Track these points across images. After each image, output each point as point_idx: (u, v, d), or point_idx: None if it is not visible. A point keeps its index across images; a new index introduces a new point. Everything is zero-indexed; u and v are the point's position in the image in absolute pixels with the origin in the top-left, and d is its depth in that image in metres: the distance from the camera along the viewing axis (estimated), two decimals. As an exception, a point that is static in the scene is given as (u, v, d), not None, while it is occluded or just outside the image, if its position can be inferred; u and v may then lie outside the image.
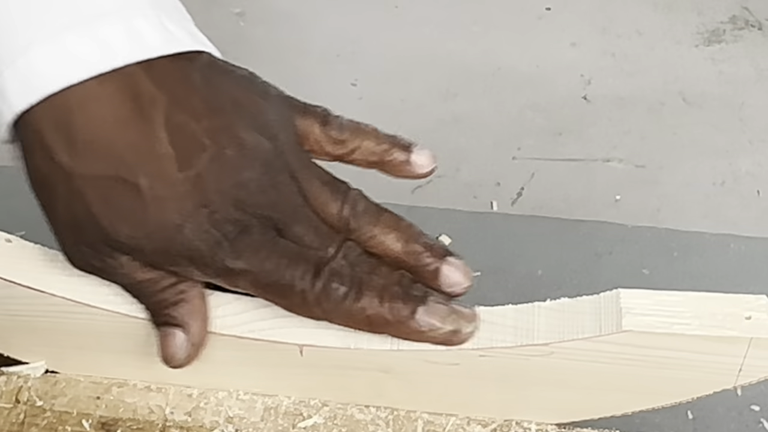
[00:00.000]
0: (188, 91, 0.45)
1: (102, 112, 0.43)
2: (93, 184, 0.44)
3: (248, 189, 0.45)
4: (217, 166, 0.44)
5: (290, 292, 0.45)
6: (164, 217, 0.44)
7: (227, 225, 0.44)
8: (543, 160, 1.65)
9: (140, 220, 0.44)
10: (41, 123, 0.44)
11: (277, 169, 0.46)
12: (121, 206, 0.44)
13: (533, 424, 0.52)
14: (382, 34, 1.89)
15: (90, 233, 0.45)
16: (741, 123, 1.71)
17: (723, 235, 0.97)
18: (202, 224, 0.44)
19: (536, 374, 0.48)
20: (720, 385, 0.47)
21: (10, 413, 0.53)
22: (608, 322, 0.45)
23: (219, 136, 0.45)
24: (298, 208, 0.46)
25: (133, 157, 0.43)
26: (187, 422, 0.52)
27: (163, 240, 0.44)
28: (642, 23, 1.91)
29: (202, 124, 0.44)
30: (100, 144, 0.43)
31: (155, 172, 0.43)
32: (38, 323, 0.51)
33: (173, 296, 0.46)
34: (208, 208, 0.44)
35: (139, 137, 0.44)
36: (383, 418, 0.52)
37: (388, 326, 0.46)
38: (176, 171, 0.44)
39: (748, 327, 0.44)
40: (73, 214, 0.44)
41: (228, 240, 0.44)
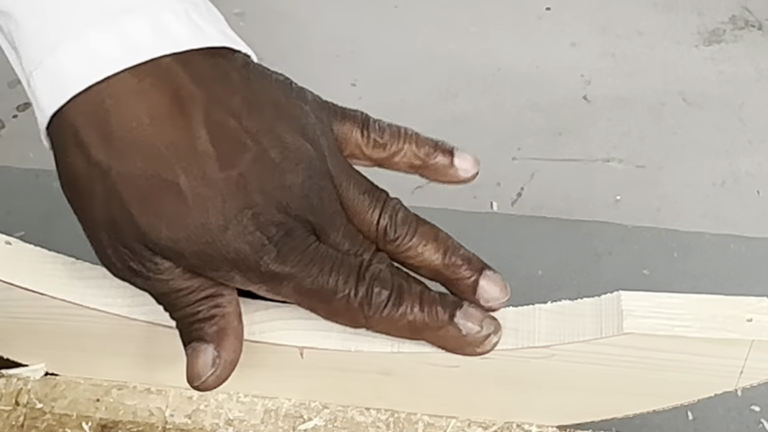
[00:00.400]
0: (228, 89, 0.44)
1: (138, 108, 0.42)
2: (131, 182, 0.42)
3: (292, 192, 0.43)
4: (261, 168, 0.43)
5: (333, 298, 0.44)
6: (207, 219, 0.42)
7: (271, 228, 0.43)
8: (543, 161, 1.65)
9: (181, 221, 0.42)
10: (74, 121, 0.42)
11: (319, 173, 0.45)
12: (161, 206, 0.42)
13: (534, 427, 0.52)
14: (381, 34, 1.89)
15: (128, 234, 0.43)
16: (741, 123, 1.71)
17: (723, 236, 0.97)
18: (247, 226, 0.42)
19: (537, 376, 0.48)
20: (721, 388, 0.47)
21: (9, 416, 0.53)
22: (609, 325, 0.45)
23: (261, 136, 0.43)
24: (336, 215, 0.45)
25: (172, 155, 0.42)
26: (187, 425, 0.52)
27: (205, 242, 0.42)
28: (642, 23, 1.91)
29: (243, 123, 0.43)
30: (137, 140, 0.42)
31: (196, 171, 0.42)
32: (38, 325, 0.51)
33: (208, 310, 0.45)
34: (252, 209, 0.42)
35: (178, 134, 0.42)
36: (384, 420, 0.52)
37: (427, 331, 0.45)
38: (218, 170, 0.42)
39: (749, 329, 0.44)
40: (111, 215, 0.43)
41: (273, 243, 0.43)
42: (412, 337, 0.46)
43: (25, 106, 1.76)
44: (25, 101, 1.76)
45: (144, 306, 0.49)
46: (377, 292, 0.44)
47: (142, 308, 0.49)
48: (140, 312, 0.49)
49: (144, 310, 0.49)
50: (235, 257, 0.43)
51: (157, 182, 0.42)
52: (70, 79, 0.42)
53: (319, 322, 0.48)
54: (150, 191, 0.42)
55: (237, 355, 0.45)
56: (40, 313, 0.50)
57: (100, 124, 0.42)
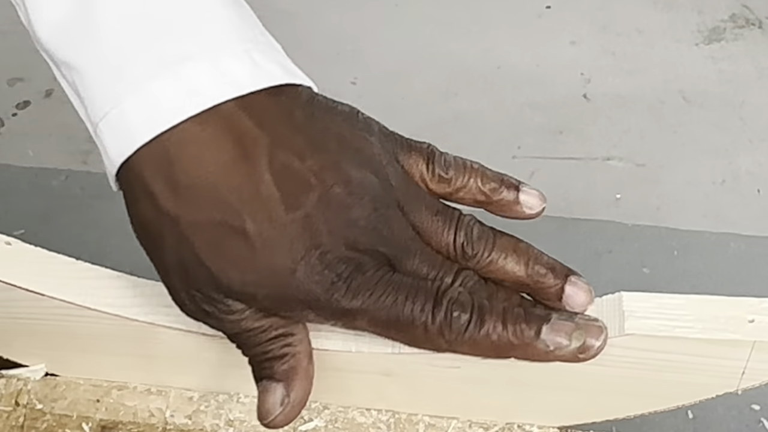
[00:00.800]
0: (290, 129, 0.44)
1: (203, 155, 0.42)
2: (200, 229, 0.42)
3: (359, 226, 0.43)
4: (326, 205, 0.43)
5: (411, 327, 0.43)
6: (275, 262, 0.42)
7: (340, 265, 0.43)
8: (543, 159, 1.65)
9: (251, 266, 0.42)
10: (142, 171, 0.43)
11: (386, 203, 0.44)
12: (230, 252, 0.42)
13: (535, 427, 0.52)
14: (381, 32, 1.89)
15: (200, 280, 0.43)
16: (741, 122, 1.71)
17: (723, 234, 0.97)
18: (315, 266, 0.42)
19: (538, 377, 0.48)
20: (723, 389, 0.47)
21: (9, 416, 0.53)
22: (611, 326, 0.45)
23: (325, 174, 0.43)
24: (410, 242, 0.45)
25: (238, 201, 0.42)
26: (187, 425, 0.52)
27: (275, 285, 0.43)
28: (642, 22, 1.90)
29: (306, 163, 0.43)
30: (203, 188, 0.42)
31: (262, 216, 0.42)
32: (38, 326, 0.51)
33: (279, 349, 0.45)
34: (319, 249, 0.43)
35: (243, 180, 0.42)
36: (384, 421, 0.52)
37: (514, 350, 0.44)
38: (284, 213, 0.42)
39: (751, 330, 0.44)
40: (182, 261, 0.43)
41: (342, 280, 0.43)
42: (499, 357, 0.45)
43: (25, 104, 1.76)
44: (24, 99, 1.76)
45: (144, 306, 0.49)
46: (456, 316, 0.43)
47: (142, 309, 0.49)
48: (140, 312, 0.49)
49: (144, 311, 0.49)
50: (306, 298, 0.43)
51: (224, 229, 0.42)
52: (135, 131, 0.42)
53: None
54: (218, 238, 0.42)
55: (306, 395, 0.45)
56: (40, 314, 0.50)
57: (166, 173, 0.42)
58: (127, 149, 0.43)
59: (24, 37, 0.48)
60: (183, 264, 0.43)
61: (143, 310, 0.49)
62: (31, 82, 1.78)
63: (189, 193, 0.42)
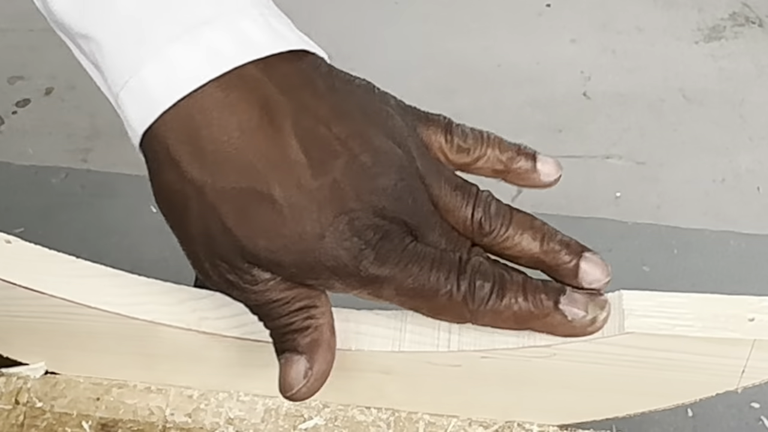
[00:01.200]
0: (315, 96, 0.44)
1: (228, 121, 0.42)
2: (226, 196, 0.42)
3: (386, 195, 0.43)
4: (353, 173, 0.43)
5: (436, 295, 0.44)
6: (303, 228, 0.42)
7: (368, 232, 0.43)
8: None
9: (278, 232, 0.42)
10: (165, 139, 0.42)
11: (410, 175, 0.44)
12: (257, 218, 0.42)
13: (535, 426, 0.52)
14: (381, 30, 1.89)
15: (225, 248, 0.43)
16: (741, 120, 1.71)
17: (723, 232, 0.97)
18: (344, 232, 0.42)
19: (538, 376, 0.48)
20: (723, 387, 0.47)
21: (9, 414, 0.53)
22: (611, 324, 0.45)
23: (351, 142, 0.43)
24: (430, 215, 0.45)
25: (264, 167, 0.42)
26: (187, 423, 0.52)
27: (303, 252, 0.42)
28: (642, 20, 1.90)
29: (332, 130, 0.43)
30: (229, 154, 0.42)
31: (289, 181, 0.42)
32: (38, 324, 0.51)
33: (302, 321, 0.45)
34: (347, 215, 0.42)
35: (269, 145, 0.42)
36: (384, 419, 0.52)
37: (533, 320, 0.45)
38: (311, 178, 0.42)
39: (751, 329, 0.44)
40: (207, 229, 0.43)
41: (371, 247, 0.43)
42: (518, 328, 0.45)
43: (25, 102, 1.76)
44: (24, 97, 1.76)
45: (144, 305, 0.49)
46: (479, 285, 0.44)
47: (142, 307, 0.49)
48: (140, 311, 0.49)
49: (144, 309, 0.49)
50: (334, 264, 0.43)
51: (251, 195, 0.42)
52: (157, 97, 0.42)
53: (319, 322, 0.48)
54: (245, 204, 0.42)
55: (329, 367, 0.45)
56: (40, 312, 0.50)
57: (190, 140, 0.42)
58: (149, 117, 0.42)
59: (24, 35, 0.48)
60: (208, 232, 0.43)
61: (143, 308, 0.49)
62: (31, 81, 1.78)
63: (214, 159, 0.42)
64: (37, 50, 1.73)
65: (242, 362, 0.50)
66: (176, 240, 0.44)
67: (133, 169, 1.57)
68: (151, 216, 0.91)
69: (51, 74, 1.75)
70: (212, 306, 0.49)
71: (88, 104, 1.69)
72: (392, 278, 0.43)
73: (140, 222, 1.08)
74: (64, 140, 1.65)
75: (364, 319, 0.48)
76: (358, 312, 0.49)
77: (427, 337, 0.47)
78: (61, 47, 0.48)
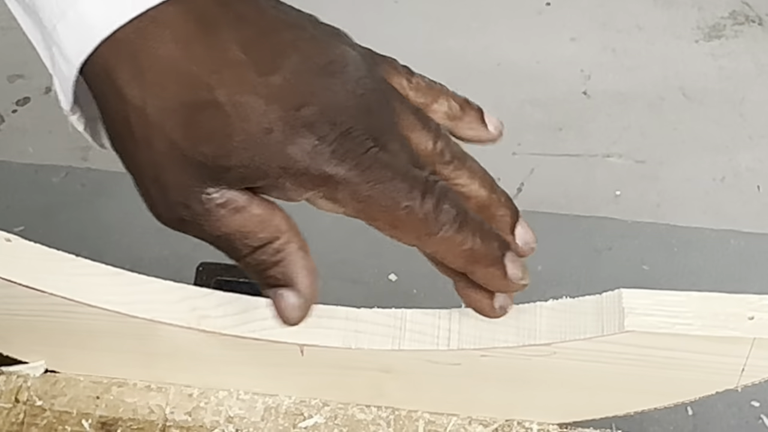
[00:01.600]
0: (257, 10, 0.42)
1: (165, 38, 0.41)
2: (168, 111, 0.41)
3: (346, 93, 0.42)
4: (306, 70, 0.41)
5: (396, 207, 0.42)
6: (248, 125, 0.40)
7: (324, 127, 0.41)
8: (543, 156, 1.64)
9: (223, 135, 0.40)
10: (106, 66, 0.41)
11: (372, 76, 0.43)
12: (202, 125, 0.41)
13: (535, 424, 0.52)
14: (381, 29, 1.89)
15: (174, 172, 0.41)
16: (741, 118, 1.71)
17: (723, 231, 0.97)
18: (294, 126, 0.40)
19: (538, 374, 0.48)
20: (722, 386, 0.47)
21: (9, 413, 0.53)
22: (610, 323, 0.45)
23: (301, 44, 0.42)
24: (393, 126, 0.44)
25: (205, 72, 0.41)
26: (187, 422, 0.52)
27: (250, 150, 0.40)
28: (642, 18, 1.90)
29: (281, 35, 0.42)
30: (167, 69, 0.41)
31: (232, 81, 0.40)
32: (38, 323, 0.51)
33: (270, 257, 0.43)
34: (299, 110, 0.40)
35: (207, 53, 0.41)
36: (384, 417, 0.52)
37: (478, 265, 0.44)
38: (256, 75, 0.41)
39: (751, 327, 0.44)
40: (154, 153, 0.41)
41: (327, 143, 0.41)
42: (461, 268, 0.44)
43: (25, 100, 1.76)
44: (24, 96, 1.76)
45: (144, 303, 0.49)
46: (446, 209, 0.42)
47: (142, 305, 0.49)
48: (140, 309, 0.49)
49: (144, 308, 0.49)
50: (283, 161, 0.41)
51: (194, 104, 0.41)
52: (96, 26, 0.41)
53: (319, 320, 0.48)
54: (189, 115, 0.41)
55: (315, 286, 0.44)
56: (40, 310, 0.50)
57: (130, 62, 0.41)
58: (87, 46, 0.41)
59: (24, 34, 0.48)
60: (156, 157, 0.42)
61: (143, 306, 0.49)
62: (31, 79, 1.78)
63: (153, 76, 0.41)
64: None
65: (242, 360, 0.50)
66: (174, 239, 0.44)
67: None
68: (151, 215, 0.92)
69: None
70: (212, 304, 0.49)
71: (88, 103, 1.69)
72: (348, 181, 0.41)
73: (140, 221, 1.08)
74: (64, 139, 1.65)
75: (364, 318, 0.48)
76: (357, 310, 0.49)
77: (426, 336, 0.47)
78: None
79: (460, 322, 0.47)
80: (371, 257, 1.16)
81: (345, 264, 1.18)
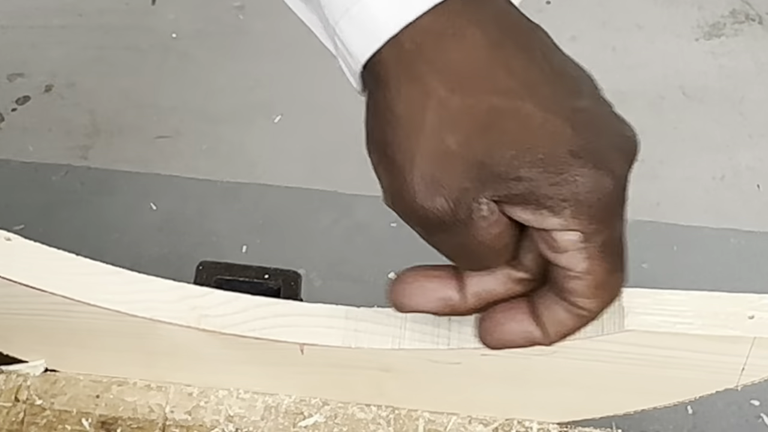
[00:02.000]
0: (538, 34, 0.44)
1: (469, 38, 0.41)
2: (472, 110, 0.40)
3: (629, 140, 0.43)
4: (602, 109, 0.42)
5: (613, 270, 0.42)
6: (556, 144, 0.40)
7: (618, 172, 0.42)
8: (543, 155, 1.65)
9: (529, 145, 0.40)
10: (400, 60, 0.41)
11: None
12: (506, 133, 0.40)
13: (535, 423, 0.52)
14: (381, 27, 1.89)
15: (456, 170, 0.41)
16: (741, 117, 1.71)
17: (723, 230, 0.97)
18: (598, 160, 0.41)
19: (538, 373, 0.48)
20: (723, 385, 0.47)
21: (9, 412, 0.53)
22: (611, 322, 0.45)
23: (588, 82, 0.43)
24: None
25: (517, 84, 0.41)
26: (187, 421, 0.52)
27: (551, 166, 0.40)
28: (642, 17, 1.90)
29: (577, 71, 0.43)
30: (476, 70, 0.41)
31: (544, 97, 0.41)
32: (38, 322, 0.51)
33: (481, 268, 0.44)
34: (600, 145, 0.41)
35: (521, 64, 0.41)
36: (384, 416, 0.52)
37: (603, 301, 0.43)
38: (567, 101, 0.41)
39: (751, 326, 0.44)
40: (440, 145, 0.41)
41: (621, 186, 0.42)
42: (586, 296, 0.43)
43: (24, 99, 1.76)
44: (24, 94, 1.76)
45: (144, 302, 0.49)
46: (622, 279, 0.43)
47: (142, 304, 0.49)
48: (140, 308, 0.49)
49: (144, 307, 0.49)
50: (579, 189, 0.40)
51: (501, 109, 0.41)
52: (383, 23, 0.41)
53: (319, 320, 0.48)
54: (495, 118, 0.41)
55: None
56: (40, 310, 0.50)
57: (430, 58, 0.41)
58: (374, 43, 0.41)
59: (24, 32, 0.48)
60: (438, 152, 0.41)
61: (143, 305, 0.49)
62: (30, 78, 1.78)
63: (460, 74, 0.41)
64: (36, 47, 1.72)
65: (242, 360, 0.50)
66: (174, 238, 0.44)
67: (134, 166, 1.57)
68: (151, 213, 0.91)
69: (51, 71, 1.74)
70: (212, 303, 0.49)
71: (87, 101, 1.69)
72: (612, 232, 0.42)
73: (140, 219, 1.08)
74: (64, 137, 1.65)
75: (364, 317, 0.48)
76: (357, 309, 0.49)
77: (427, 335, 0.47)
78: (61, 44, 0.48)
79: (460, 322, 0.47)
80: (371, 256, 1.16)
81: (345, 263, 1.18)
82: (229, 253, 1.06)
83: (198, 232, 0.99)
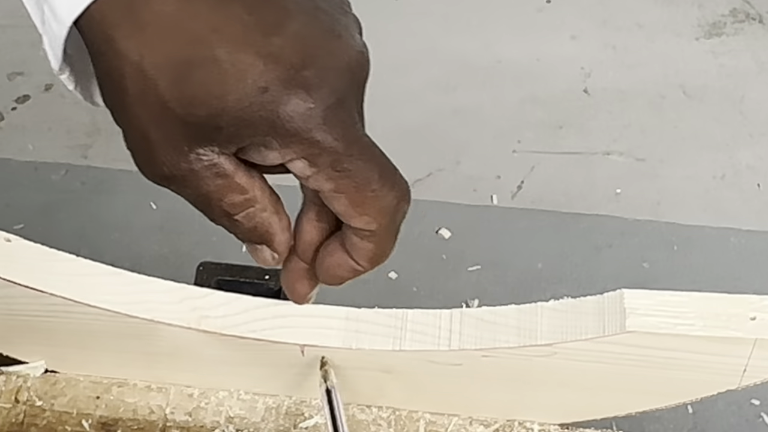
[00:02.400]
0: None
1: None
2: (165, 69, 0.40)
3: (346, 60, 0.41)
4: (309, 32, 0.41)
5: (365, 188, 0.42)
6: (244, 84, 0.40)
7: (321, 90, 0.40)
8: (543, 154, 1.64)
9: (219, 94, 0.40)
10: (102, 19, 0.41)
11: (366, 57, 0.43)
12: (198, 85, 0.40)
13: (536, 425, 0.52)
14: (381, 26, 1.89)
15: (165, 129, 0.41)
16: (741, 116, 1.71)
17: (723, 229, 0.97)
18: (290, 86, 0.40)
19: (539, 375, 0.48)
20: (724, 386, 0.47)
21: (9, 413, 0.53)
22: (612, 323, 0.45)
23: (307, 8, 0.42)
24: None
25: (205, 30, 0.40)
26: (187, 422, 0.52)
27: (243, 108, 0.40)
28: (642, 16, 1.90)
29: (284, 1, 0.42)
30: (167, 24, 0.40)
31: (233, 39, 0.40)
32: (38, 323, 0.51)
33: (247, 221, 0.44)
34: (298, 71, 0.40)
35: (210, 9, 0.40)
36: (385, 418, 0.52)
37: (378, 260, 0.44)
38: (259, 36, 0.40)
39: (752, 328, 0.44)
40: (147, 111, 0.41)
41: (321, 108, 0.40)
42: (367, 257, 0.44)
43: (24, 98, 1.76)
44: (24, 93, 1.76)
45: (145, 303, 0.49)
46: (405, 210, 0.43)
47: (142, 305, 0.49)
48: (140, 309, 0.49)
49: (144, 308, 0.49)
50: (275, 120, 0.40)
51: (191, 60, 0.40)
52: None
53: (319, 321, 0.48)
54: (185, 72, 0.40)
55: (288, 243, 0.45)
56: (40, 311, 0.50)
57: (128, 16, 0.41)
58: (79, 6, 0.41)
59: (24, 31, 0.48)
60: (147, 114, 0.41)
61: (143, 306, 0.49)
62: (30, 77, 1.78)
63: (151, 31, 0.41)
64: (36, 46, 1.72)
65: (242, 361, 0.50)
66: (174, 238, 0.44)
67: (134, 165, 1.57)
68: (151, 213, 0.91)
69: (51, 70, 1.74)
70: (212, 304, 0.49)
71: (87, 100, 1.69)
72: (334, 149, 0.41)
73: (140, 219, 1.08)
74: (64, 136, 1.65)
75: (365, 318, 0.48)
76: (358, 310, 0.49)
77: (427, 336, 0.47)
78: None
79: (461, 323, 0.47)
80: (371, 256, 1.15)
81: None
82: (230, 254, 1.06)
83: (198, 232, 0.99)
